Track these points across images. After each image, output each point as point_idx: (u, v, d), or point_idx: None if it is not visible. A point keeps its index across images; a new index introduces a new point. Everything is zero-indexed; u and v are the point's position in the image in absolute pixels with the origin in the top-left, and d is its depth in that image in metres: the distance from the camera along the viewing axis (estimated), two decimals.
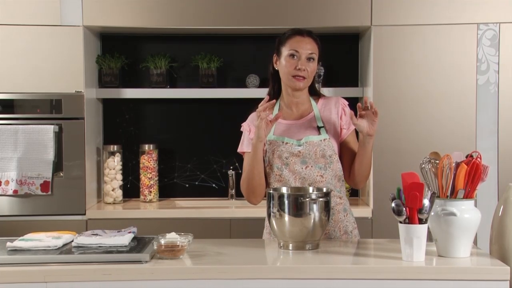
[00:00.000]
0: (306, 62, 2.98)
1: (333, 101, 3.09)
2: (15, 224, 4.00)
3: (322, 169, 2.98)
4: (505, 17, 4.07)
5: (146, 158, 4.45)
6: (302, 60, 2.97)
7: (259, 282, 2.41)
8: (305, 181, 2.96)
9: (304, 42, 2.99)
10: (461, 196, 2.51)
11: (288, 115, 3.07)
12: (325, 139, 2.99)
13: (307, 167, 2.97)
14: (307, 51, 2.98)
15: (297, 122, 3.05)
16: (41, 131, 4.03)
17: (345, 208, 3.04)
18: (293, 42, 3.01)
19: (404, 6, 4.10)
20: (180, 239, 2.54)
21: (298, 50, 2.98)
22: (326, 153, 2.98)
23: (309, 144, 2.98)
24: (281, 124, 3.05)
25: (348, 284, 2.40)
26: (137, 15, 4.16)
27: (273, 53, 3.08)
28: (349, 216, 3.05)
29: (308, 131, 3.01)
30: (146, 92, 4.45)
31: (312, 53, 2.99)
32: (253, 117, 3.09)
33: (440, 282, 2.39)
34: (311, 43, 3.00)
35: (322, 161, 2.98)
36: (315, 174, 2.97)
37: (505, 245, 2.52)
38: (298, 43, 3.00)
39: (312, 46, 3.00)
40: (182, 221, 4.04)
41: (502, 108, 4.09)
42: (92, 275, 2.40)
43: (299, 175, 2.97)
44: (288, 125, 3.05)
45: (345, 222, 3.02)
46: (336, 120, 3.04)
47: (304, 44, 2.99)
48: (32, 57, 4.07)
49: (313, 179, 2.96)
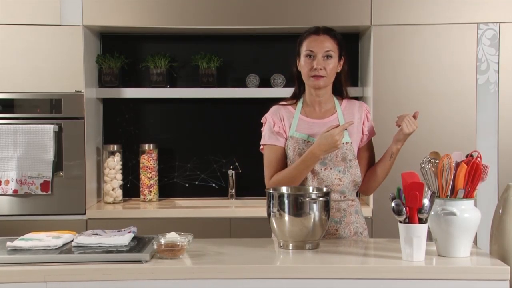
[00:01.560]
0: (322, 60, 2.94)
1: (357, 106, 3.07)
2: (15, 224, 4.00)
3: (341, 172, 2.96)
4: (505, 17, 4.07)
5: (146, 157, 4.45)
6: (318, 59, 2.94)
7: (259, 282, 2.41)
8: (323, 182, 2.95)
9: (319, 40, 2.96)
10: (461, 196, 2.51)
11: (311, 113, 3.05)
12: (347, 143, 2.98)
13: (326, 169, 2.96)
14: (323, 50, 2.95)
15: (320, 121, 3.02)
16: (41, 130, 4.03)
17: (357, 209, 3.04)
18: (308, 42, 2.98)
19: (404, 6, 4.10)
20: (180, 239, 2.54)
21: (313, 49, 2.95)
22: (347, 157, 2.97)
23: None
24: (304, 122, 3.03)
25: (348, 284, 2.40)
26: (137, 15, 4.16)
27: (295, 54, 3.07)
28: (360, 217, 3.05)
29: None
30: (146, 92, 4.45)
31: (329, 51, 2.95)
32: (275, 109, 3.08)
33: (440, 282, 2.39)
34: (327, 40, 2.97)
35: (342, 165, 2.97)
36: (333, 177, 2.96)
37: (505, 245, 2.52)
38: (313, 42, 2.97)
39: (329, 44, 2.96)
40: (182, 221, 4.04)
41: (502, 108, 4.09)
42: (92, 274, 2.40)
43: (318, 175, 2.96)
44: (311, 123, 3.02)
45: (355, 224, 3.01)
46: (358, 125, 3.02)
47: (319, 43, 2.96)
48: (32, 57, 4.07)
49: (330, 181, 2.95)
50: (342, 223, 2.97)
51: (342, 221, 2.98)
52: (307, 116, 3.04)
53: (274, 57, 4.60)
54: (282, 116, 3.04)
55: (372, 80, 4.12)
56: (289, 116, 3.04)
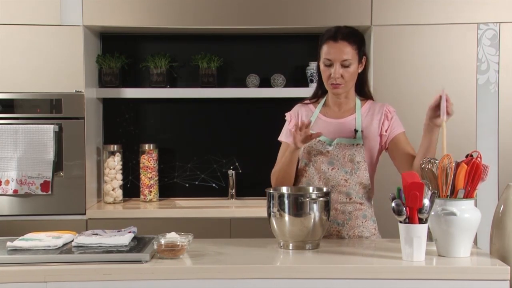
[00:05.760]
0: (340, 69, 2.90)
1: (378, 107, 3.04)
2: (15, 224, 4.00)
3: (347, 173, 2.95)
4: (505, 17, 4.07)
5: (146, 157, 4.45)
6: (336, 68, 2.89)
7: (259, 282, 2.41)
8: (329, 182, 2.95)
9: (337, 48, 2.89)
10: (461, 196, 2.50)
11: (330, 112, 3.04)
12: (358, 145, 2.96)
13: (333, 169, 2.96)
14: (341, 58, 2.89)
15: (336, 121, 3.01)
16: (41, 130, 4.03)
17: (365, 214, 3.00)
18: (326, 48, 2.92)
19: (404, 6, 4.10)
20: (180, 239, 2.54)
21: (330, 58, 2.90)
22: (354, 159, 2.95)
23: (340, 146, 2.95)
24: (321, 120, 3.03)
25: (348, 284, 2.40)
26: (137, 15, 4.16)
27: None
28: (368, 222, 3.01)
29: (344, 132, 2.98)
30: (146, 92, 4.46)
31: (346, 60, 2.89)
32: (296, 108, 3.11)
33: (440, 282, 2.39)
34: (345, 47, 2.89)
35: (349, 166, 2.95)
36: (340, 178, 2.95)
37: (505, 245, 2.52)
38: (331, 49, 2.90)
39: (347, 50, 2.89)
40: (182, 221, 4.04)
41: (502, 108, 4.09)
42: (92, 275, 2.40)
43: (324, 175, 2.96)
44: (327, 123, 3.02)
45: (361, 228, 2.98)
46: (376, 127, 2.99)
47: (337, 51, 2.89)
48: (32, 57, 4.07)
49: (337, 182, 2.95)
50: (345, 225, 2.96)
51: (345, 223, 2.96)
52: (326, 115, 3.04)
53: (274, 57, 4.60)
54: (300, 114, 3.06)
55: (372, 80, 4.12)
56: (308, 115, 3.05)
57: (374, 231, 3.03)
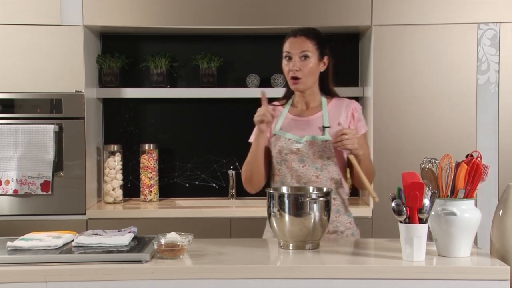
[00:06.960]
0: (299, 61, 2.99)
1: (345, 104, 3.10)
2: (15, 223, 4.00)
3: (318, 169, 2.99)
4: (505, 17, 4.07)
5: (146, 157, 4.45)
6: (294, 60, 3.00)
7: (259, 282, 2.41)
8: (301, 179, 2.98)
9: (296, 42, 3.02)
10: (461, 196, 2.51)
11: (298, 111, 3.10)
12: (327, 141, 2.99)
13: (304, 166, 2.99)
14: (298, 51, 2.99)
15: (304, 119, 3.06)
16: (41, 130, 4.03)
17: (338, 209, 3.04)
18: (287, 44, 3.05)
19: (404, 6, 4.10)
20: (180, 239, 2.54)
21: (289, 51, 3.01)
22: (324, 155, 2.99)
23: (309, 143, 2.99)
24: (289, 120, 3.07)
25: (348, 284, 2.40)
26: (137, 15, 4.16)
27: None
28: (342, 217, 3.04)
29: (312, 130, 3.02)
30: (146, 92, 4.46)
31: (304, 51, 2.99)
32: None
33: (440, 282, 2.39)
34: (304, 41, 3.01)
35: (319, 162, 2.99)
36: (311, 174, 2.99)
37: (505, 245, 2.52)
38: (290, 44, 3.03)
39: (304, 44, 3.00)
40: (182, 221, 4.04)
41: (502, 108, 4.09)
42: (92, 275, 2.40)
43: (296, 172, 2.99)
44: (295, 121, 3.06)
45: (335, 223, 3.02)
46: (343, 124, 3.04)
47: (295, 44, 3.01)
48: (32, 57, 4.07)
49: (308, 178, 2.99)
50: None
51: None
52: (293, 114, 3.09)
53: (274, 57, 4.55)
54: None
55: (372, 80, 4.12)
56: (277, 115, 3.09)
57: (350, 225, 3.06)
